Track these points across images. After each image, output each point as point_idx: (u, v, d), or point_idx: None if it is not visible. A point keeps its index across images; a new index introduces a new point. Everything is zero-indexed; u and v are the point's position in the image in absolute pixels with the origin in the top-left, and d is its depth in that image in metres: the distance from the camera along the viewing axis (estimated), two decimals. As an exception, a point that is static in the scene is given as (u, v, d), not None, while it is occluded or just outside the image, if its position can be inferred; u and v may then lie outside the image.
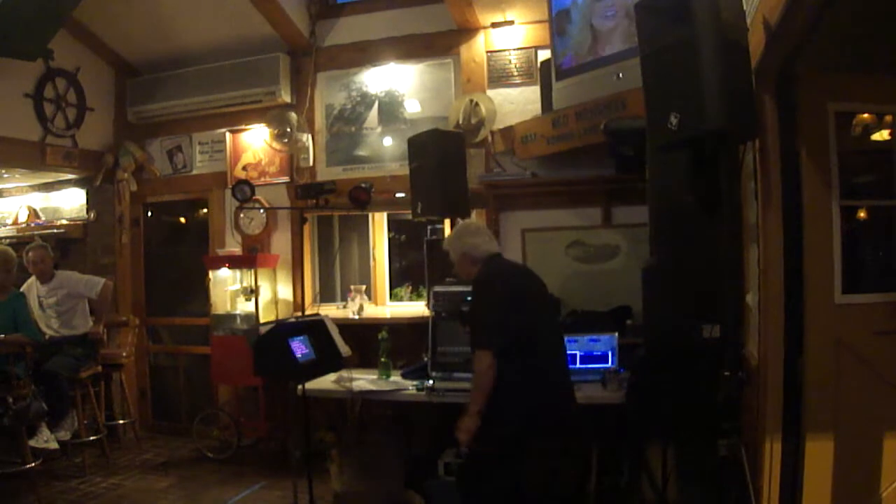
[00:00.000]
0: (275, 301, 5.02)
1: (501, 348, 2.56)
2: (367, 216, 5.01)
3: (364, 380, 3.61)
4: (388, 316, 4.69)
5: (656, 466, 3.16)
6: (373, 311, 4.82)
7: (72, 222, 5.66)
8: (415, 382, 3.53)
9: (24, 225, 5.84)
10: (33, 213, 5.89)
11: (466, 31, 4.62)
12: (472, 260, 2.84)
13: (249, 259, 4.90)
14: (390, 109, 4.89)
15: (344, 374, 3.65)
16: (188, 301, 5.47)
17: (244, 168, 5.20)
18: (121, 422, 5.16)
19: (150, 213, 5.70)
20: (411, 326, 4.15)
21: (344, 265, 5.28)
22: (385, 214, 5.07)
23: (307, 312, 4.20)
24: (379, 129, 4.92)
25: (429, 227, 4.93)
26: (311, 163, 4.99)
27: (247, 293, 4.87)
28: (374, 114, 4.92)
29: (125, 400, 5.16)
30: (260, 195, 4.92)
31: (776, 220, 2.47)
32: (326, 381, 3.62)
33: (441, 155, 3.99)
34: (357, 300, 4.59)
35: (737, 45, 2.36)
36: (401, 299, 5.01)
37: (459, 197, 4.13)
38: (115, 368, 5.00)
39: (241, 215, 5.12)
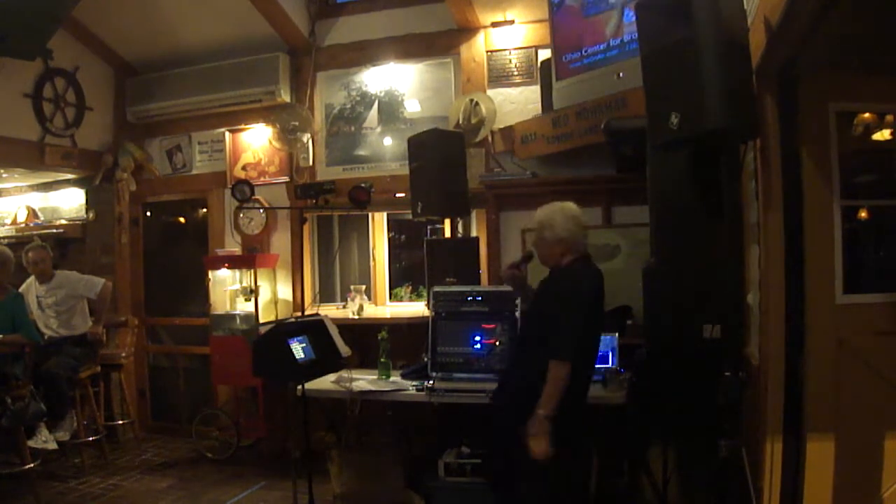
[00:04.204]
0: (274, 301, 5.02)
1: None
2: (367, 216, 5.00)
3: (364, 380, 3.60)
4: (388, 316, 4.68)
5: (657, 467, 3.16)
6: (373, 311, 4.81)
7: (71, 222, 5.65)
8: (415, 383, 3.53)
9: (22, 225, 5.83)
10: (32, 213, 5.88)
11: (466, 30, 4.61)
12: (567, 249, 2.77)
13: (249, 259, 4.89)
14: (390, 109, 4.89)
15: (344, 374, 3.65)
16: (187, 301, 5.46)
17: (244, 168, 5.19)
18: (120, 422, 5.15)
19: (149, 213, 5.69)
20: (411, 326, 4.14)
21: (344, 265, 5.27)
22: (385, 214, 5.06)
23: (307, 312, 4.19)
24: (379, 129, 4.91)
25: (429, 227, 4.94)
26: (310, 162, 4.98)
27: (246, 293, 4.87)
28: (373, 113, 4.92)
29: (124, 400, 5.15)
30: (259, 195, 4.91)
31: (777, 220, 2.47)
32: (326, 382, 3.62)
33: (441, 155, 3.99)
34: (357, 300, 4.58)
35: (737, 44, 2.36)
36: (401, 299, 5.00)
37: (459, 197, 4.13)
38: (114, 369, 4.99)
39: (241, 215, 5.12)
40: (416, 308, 4.58)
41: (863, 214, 2.66)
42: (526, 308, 3.02)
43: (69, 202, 5.79)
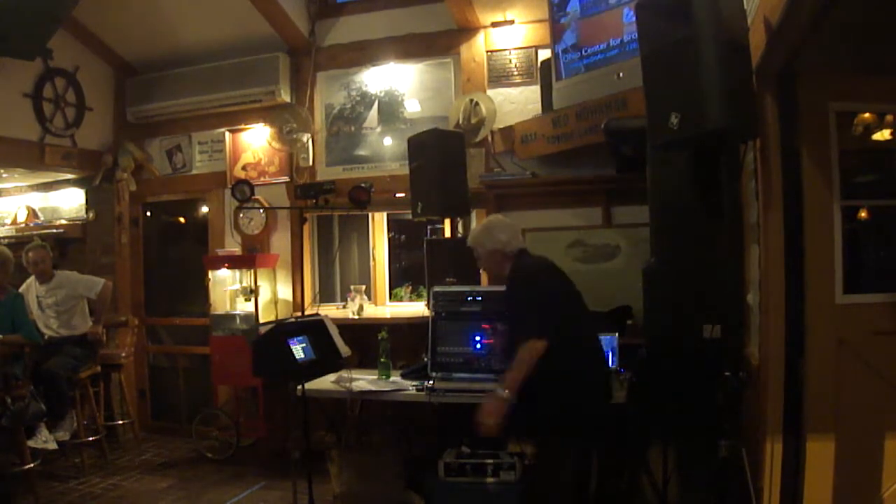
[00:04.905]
0: (274, 301, 5.02)
1: (552, 337, 2.64)
2: (367, 216, 5.00)
3: (364, 380, 3.60)
4: (388, 316, 4.68)
5: (657, 467, 3.16)
6: (373, 311, 4.81)
7: (71, 222, 5.65)
8: (415, 383, 3.52)
9: (22, 225, 5.83)
10: (32, 213, 5.88)
11: (466, 30, 4.61)
12: (503, 256, 2.93)
13: (249, 259, 4.89)
14: (390, 109, 4.89)
15: (344, 374, 3.64)
16: (187, 301, 5.46)
17: (244, 168, 5.19)
18: (120, 422, 5.15)
19: (149, 213, 5.69)
20: (411, 326, 4.13)
21: (344, 265, 5.27)
22: (385, 214, 5.06)
23: (307, 312, 4.19)
24: (379, 129, 4.91)
25: (429, 227, 4.94)
26: (310, 162, 4.98)
27: (246, 293, 4.87)
28: (373, 113, 4.92)
29: (124, 400, 5.15)
30: (259, 195, 4.91)
31: (777, 220, 2.47)
32: (326, 382, 3.61)
33: (441, 155, 3.98)
34: (357, 300, 4.58)
35: (737, 44, 2.36)
36: (401, 299, 5.00)
37: (459, 197, 4.13)
38: (114, 369, 4.99)
39: (241, 215, 5.12)
40: (416, 308, 4.58)
41: (863, 214, 2.66)
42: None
43: (69, 202, 5.79)
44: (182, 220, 5.77)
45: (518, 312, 2.82)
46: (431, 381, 3.45)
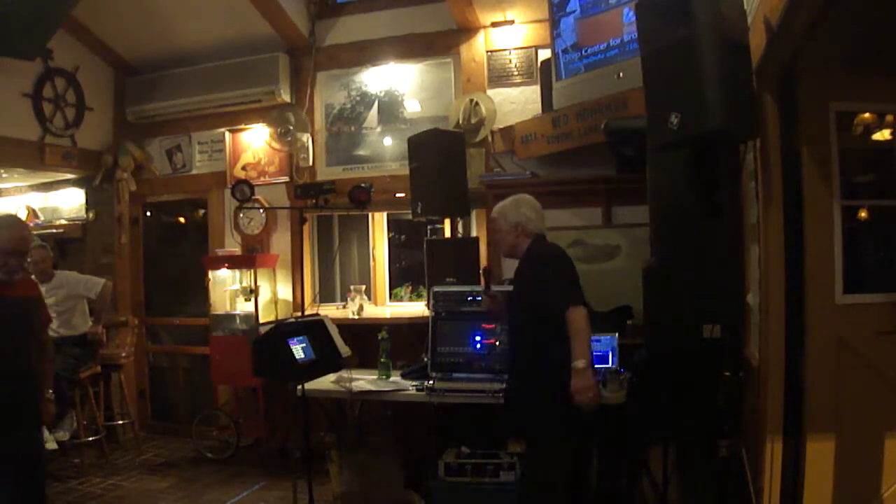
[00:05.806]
0: (274, 301, 5.02)
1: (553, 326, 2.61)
2: (367, 216, 5.00)
3: (364, 380, 3.60)
4: (388, 316, 4.68)
5: (657, 467, 3.16)
6: (373, 311, 4.81)
7: (71, 222, 5.65)
8: (415, 383, 3.52)
9: (23, 225, 5.83)
10: (32, 213, 5.88)
11: (466, 30, 4.61)
12: (522, 232, 2.86)
13: (249, 259, 4.89)
14: (390, 109, 4.89)
15: (344, 374, 3.64)
16: (187, 301, 5.46)
17: (244, 168, 5.19)
18: (120, 422, 5.15)
19: (149, 213, 5.69)
20: (411, 326, 4.14)
21: (344, 265, 5.27)
22: (385, 214, 5.06)
23: (307, 312, 4.19)
24: (379, 129, 4.91)
25: (429, 227, 4.94)
26: (310, 162, 4.99)
27: (246, 293, 4.87)
28: (373, 113, 4.92)
29: (124, 400, 5.15)
30: (259, 195, 4.91)
31: (777, 220, 2.47)
32: (326, 382, 3.61)
33: (441, 155, 3.99)
34: (357, 300, 4.58)
35: (737, 44, 2.36)
36: (401, 299, 5.00)
37: (459, 197, 4.13)
38: (114, 369, 4.99)
39: (241, 215, 5.12)
40: (416, 308, 4.58)
41: (863, 214, 2.65)
42: (508, 306, 3.04)
43: (69, 202, 5.79)
44: (182, 220, 5.77)
45: (553, 285, 2.71)
46: (431, 381, 3.45)
